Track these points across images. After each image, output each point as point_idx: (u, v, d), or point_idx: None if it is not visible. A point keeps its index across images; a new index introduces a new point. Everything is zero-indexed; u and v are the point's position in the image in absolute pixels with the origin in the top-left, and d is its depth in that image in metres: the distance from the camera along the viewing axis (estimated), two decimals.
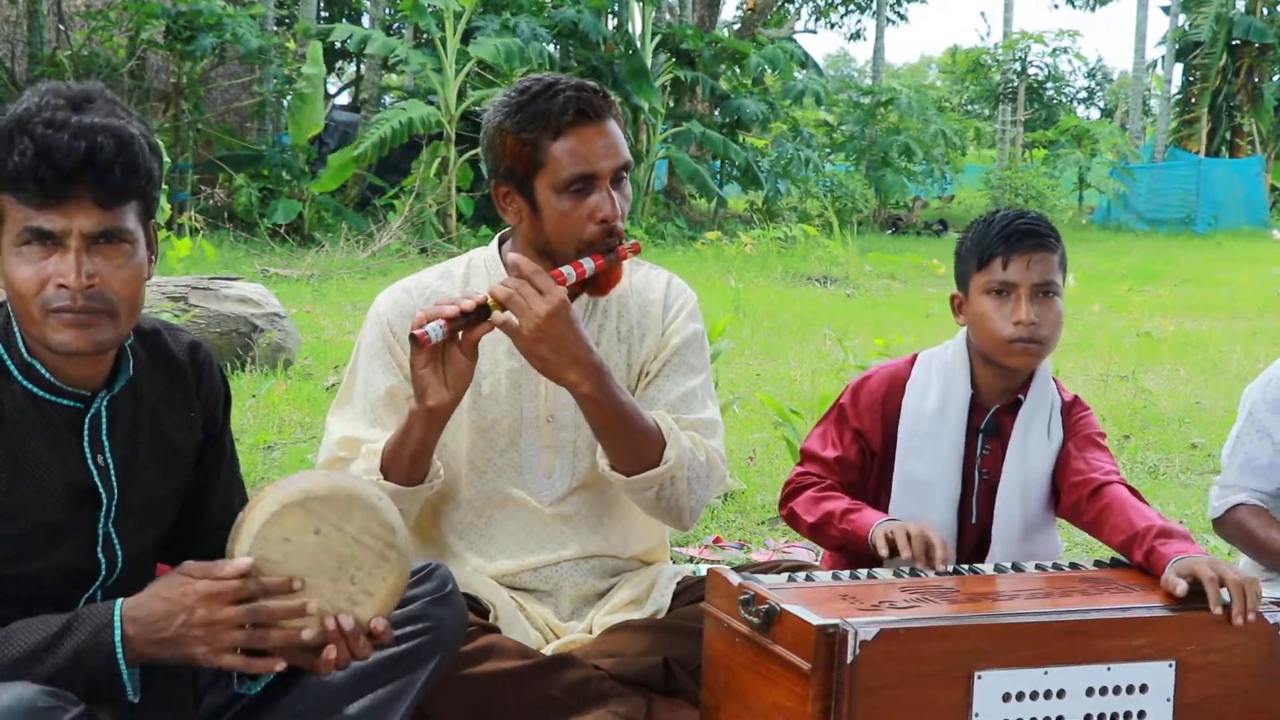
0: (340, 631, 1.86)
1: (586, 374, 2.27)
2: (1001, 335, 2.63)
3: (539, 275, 2.24)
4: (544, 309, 2.22)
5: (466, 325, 2.24)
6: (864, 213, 20.64)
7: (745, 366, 7.97)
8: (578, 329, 2.26)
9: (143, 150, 1.83)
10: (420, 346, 2.21)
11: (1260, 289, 13.31)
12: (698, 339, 2.57)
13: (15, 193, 1.79)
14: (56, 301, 1.80)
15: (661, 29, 18.61)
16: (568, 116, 2.36)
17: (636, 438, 2.36)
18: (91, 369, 1.92)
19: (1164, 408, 7.00)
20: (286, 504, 1.85)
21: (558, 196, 2.38)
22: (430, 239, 13.87)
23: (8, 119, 1.80)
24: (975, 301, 2.68)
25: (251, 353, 6.92)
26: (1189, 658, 2.19)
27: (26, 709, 1.66)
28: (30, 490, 1.88)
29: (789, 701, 2.09)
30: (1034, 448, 2.72)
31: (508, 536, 2.53)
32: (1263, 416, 2.88)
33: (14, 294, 1.83)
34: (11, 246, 1.82)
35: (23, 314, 1.84)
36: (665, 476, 2.38)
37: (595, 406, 2.32)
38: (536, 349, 2.25)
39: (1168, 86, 29.72)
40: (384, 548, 1.89)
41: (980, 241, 2.67)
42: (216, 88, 16.51)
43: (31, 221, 1.79)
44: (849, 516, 2.60)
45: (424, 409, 2.27)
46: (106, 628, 1.77)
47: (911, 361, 2.82)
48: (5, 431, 1.87)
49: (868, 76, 36.38)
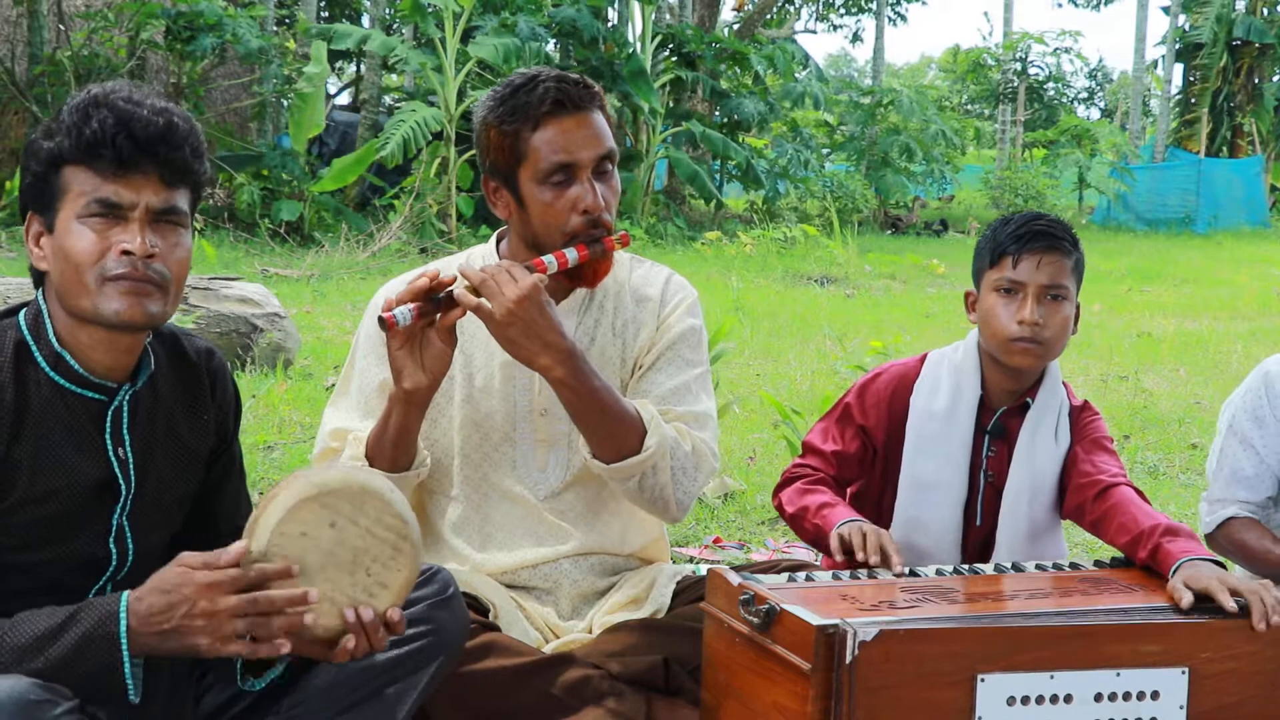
0: (360, 623, 1.87)
1: (559, 359, 2.28)
2: (1005, 333, 2.63)
3: (515, 264, 2.28)
4: (515, 293, 2.24)
5: (438, 309, 2.25)
6: (864, 213, 20.62)
7: (745, 366, 7.97)
8: (550, 314, 2.27)
9: (203, 140, 1.96)
10: (388, 329, 2.23)
11: (1260, 289, 13.30)
12: (694, 334, 2.57)
13: (90, 162, 1.86)
14: (116, 269, 1.87)
15: (661, 29, 18.60)
16: (545, 107, 2.38)
17: (615, 424, 2.36)
18: (121, 359, 1.96)
19: (1164, 408, 6.99)
20: (302, 498, 1.86)
21: (539, 188, 2.39)
22: (430, 239, 13.86)
23: (84, 97, 1.88)
24: (985, 298, 2.70)
25: (251, 353, 6.93)
26: (1203, 665, 2.17)
27: (18, 701, 1.67)
28: (53, 479, 1.91)
29: (789, 701, 2.08)
30: (1041, 451, 2.71)
31: (504, 532, 2.53)
32: (1244, 427, 2.87)
33: (68, 265, 1.88)
34: (73, 218, 1.88)
35: (73, 286, 1.89)
36: (646, 464, 2.38)
37: (569, 391, 2.33)
38: (507, 332, 2.27)
39: (1168, 86, 29.69)
40: (398, 539, 1.91)
41: (995, 239, 2.69)
42: (217, 88, 16.50)
43: (100, 192, 1.86)
44: (821, 512, 2.61)
45: (401, 392, 2.29)
46: (112, 618, 1.78)
47: (921, 361, 2.83)
48: (31, 421, 1.90)
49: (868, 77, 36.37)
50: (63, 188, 1.88)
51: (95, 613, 1.79)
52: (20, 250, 11.29)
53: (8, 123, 14.56)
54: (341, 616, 1.88)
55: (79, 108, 1.87)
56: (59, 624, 1.78)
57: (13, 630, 1.78)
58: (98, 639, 1.77)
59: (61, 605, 1.88)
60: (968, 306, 2.78)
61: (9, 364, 1.90)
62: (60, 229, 1.89)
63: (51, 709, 1.69)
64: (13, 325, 1.95)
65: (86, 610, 1.79)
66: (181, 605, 1.78)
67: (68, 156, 1.87)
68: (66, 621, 1.78)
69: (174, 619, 1.78)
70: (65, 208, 1.89)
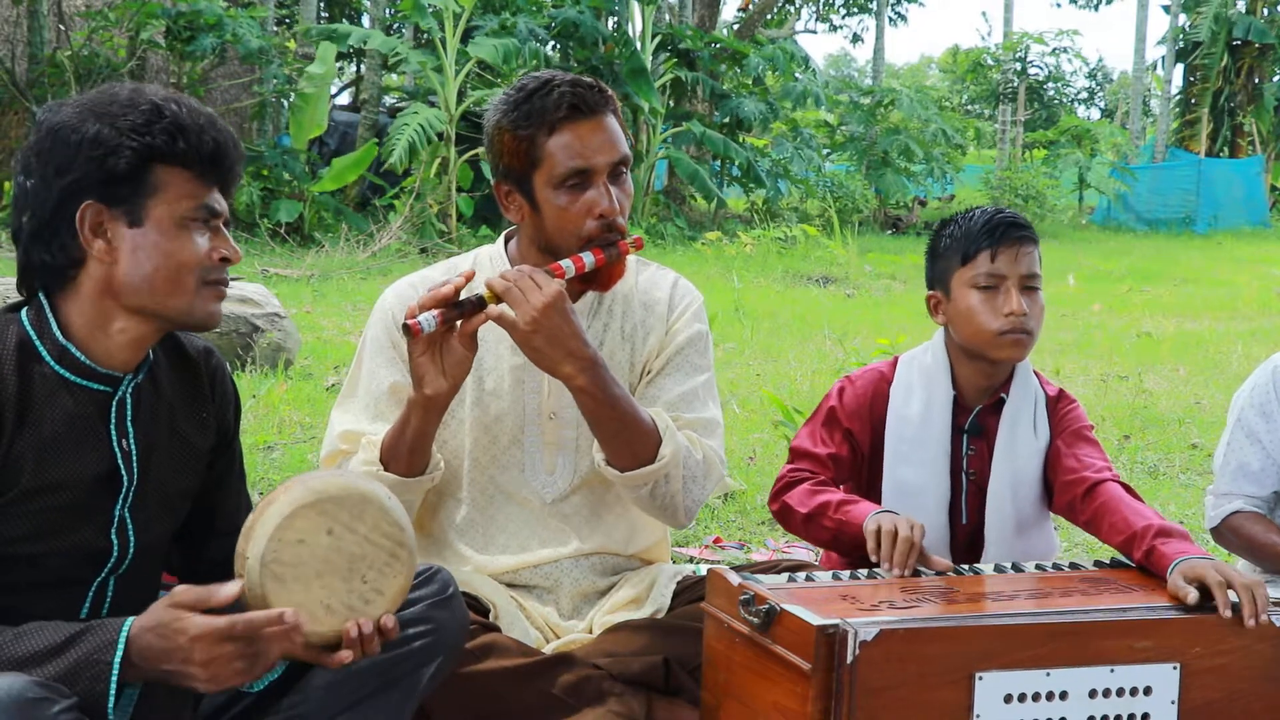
0: (359, 634, 1.88)
1: (581, 367, 2.28)
2: (990, 329, 2.63)
3: (537, 271, 2.27)
4: (540, 301, 2.23)
5: (462, 316, 2.25)
6: (864, 213, 20.62)
7: (745, 366, 7.97)
8: (574, 322, 2.27)
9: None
10: (413, 337, 2.22)
11: (1260, 289, 13.30)
12: (701, 339, 2.57)
13: (187, 165, 1.92)
14: (217, 274, 1.97)
15: (661, 29, 18.61)
16: (561, 112, 2.37)
17: (632, 433, 2.36)
18: (139, 353, 1.98)
19: (1164, 408, 6.99)
20: (300, 505, 1.85)
21: (555, 192, 2.39)
22: (430, 239, 13.87)
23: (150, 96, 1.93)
24: (960, 298, 2.67)
25: (251, 353, 6.93)
26: (1194, 660, 2.18)
27: (17, 700, 1.67)
28: (58, 471, 1.92)
29: (789, 701, 2.08)
30: (1021, 446, 2.71)
31: (508, 534, 2.54)
32: (1251, 421, 2.88)
33: (168, 264, 1.92)
34: (173, 218, 1.92)
35: (166, 285, 1.93)
36: (660, 473, 2.38)
37: (590, 400, 2.32)
38: (531, 340, 2.26)
39: (1168, 86, 29.70)
40: (395, 546, 1.91)
41: (965, 237, 2.67)
42: (217, 88, 16.49)
43: (204, 199, 1.95)
44: (844, 508, 2.58)
45: (421, 397, 2.28)
46: (110, 646, 1.78)
47: (894, 364, 2.82)
48: (34, 414, 1.91)
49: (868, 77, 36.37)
50: (156, 185, 1.91)
51: (96, 638, 1.78)
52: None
53: (8, 123, 14.56)
54: (337, 624, 1.87)
55: (155, 106, 1.91)
56: (60, 643, 1.78)
57: (15, 642, 1.78)
58: (93, 664, 1.77)
59: (64, 597, 1.89)
60: (932, 310, 2.76)
61: (11, 357, 1.91)
62: (157, 227, 1.92)
63: (50, 707, 1.69)
64: (14, 320, 1.95)
65: (88, 634, 1.79)
66: (177, 653, 1.78)
67: (164, 156, 1.90)
68: (67, 641, 1.78)
69: (172, 662, 1.78)
70: (160, 207, 1.91)
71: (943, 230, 2.75)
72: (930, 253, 2.77)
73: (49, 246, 1.91)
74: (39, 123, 1.94)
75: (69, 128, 1.90)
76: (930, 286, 2.77)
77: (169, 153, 1.91)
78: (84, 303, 1.94)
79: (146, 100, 1.92)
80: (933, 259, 2.76)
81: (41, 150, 1.91)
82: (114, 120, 1.90)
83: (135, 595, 2.00)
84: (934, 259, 2.75)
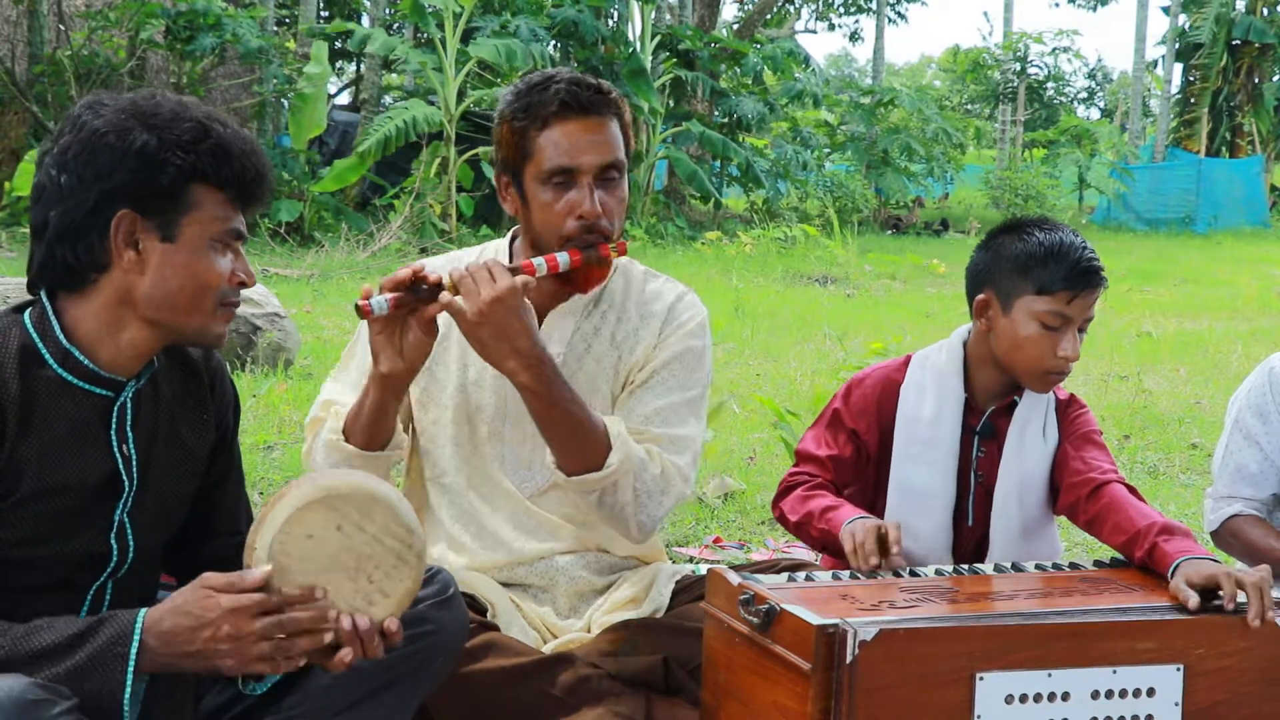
0: (356, 632, 1.87)
1: (525, 364, 2.28)
2: (1041, 365, 2.60)
3: (497, 264, 2.28)
4: (489, 294, 2.24)
5: (417, 302, 2.27)
6: (864, 213, 20.62)
7: (745, 366, 7.97)
8: (523, 319, 2.27)
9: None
10: (362, 316, 2.25)
11: (1260, 289, 13.30)
12: (692, 355, 2.54)
13: (223, 187, 1.93)
14: (233, 296, 1.98)
15: (661, 29, 18.61)
16: (553, 108, 2.39)
17: (579, 437, 2.35)
18: (143, 360, 1.98)
19: (1164, 408, 6.99)
20: (310, 500, 1.86)
21: (541, 188, 2.41)
22: (430, 239, 13.86)
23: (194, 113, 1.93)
24: (1021, 323, 2.60)
25: (252, 353, 6.92)
26: (1197, 662, 2.17)
27: (18, 701, 1.66)
28: (59, 475, 1.91)
29: (789, 701, 2.08)
30: (1030, 449, 2.70)
31: (495, 523, 2.53)
32: (1248, 424, 2.86)
33: (193, 283, 1.93)
34: (205, 238, 1.93)
35: (187, 304, 1.93)
36: (607, 480, 2.37)
37: (534, 398, 2.32)
38: (477, 332, 2.27)
39: (1168, 87, 29.70)
40: (402, 548, 1.90)
41: (1047, 268, 2.58)
42: (217, 88, 16.48)
43: (234, 222, 1.96)
44: (827, 515, 2.58)
45: (377, 374, 2.31)
46: (125, 638, 1.78)
47: (905, 364, 2.79)
48: (37, 418, 1.90)
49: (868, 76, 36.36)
50: (192, 203, 1.91)
51: (110, 630, 1.78)
52: (20, 250, 11.29)
53: (8, 123, 14.55)
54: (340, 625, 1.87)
55: (201, 125, 1.91)
56: (72, 637, 1.78)
57: (26, 639, 1.78)
58: (109, 657, 1.77)
59: (63, 601, 1.88)
60: (978, 312, 2.68)
61: (14, 361, 1.90)
62: (188, 245, 1.92)
63: (50, 708, 1.69)
64: (17, 323, 1.94)
65: (102, 626, 1.79)
66: (206, 629, 1.78)
67: (205, 176, 1.90)
68: (81, 635, 1.78)
69: (198, 642, 1.78)
70: (193, 225, 1.91)
71: (1010, 239, 2.64)
72: (996, 253, 2.66)
73: (75, 247, 1.89)
74: (78, 121, 1.89)
75: (115, 133, 1.87)
76: (981, 287, 2.67)
77: (212, 173, 1.91)
78: (97, 308, 1.93)
79: (191, 117, 1.91)
80: (997, 262, 2.64)
81: (82, 150, 1.87)
82: (160, 132, 1.88)
83: (133, 598, 2.00)
84: (998, 263, 2.64)
